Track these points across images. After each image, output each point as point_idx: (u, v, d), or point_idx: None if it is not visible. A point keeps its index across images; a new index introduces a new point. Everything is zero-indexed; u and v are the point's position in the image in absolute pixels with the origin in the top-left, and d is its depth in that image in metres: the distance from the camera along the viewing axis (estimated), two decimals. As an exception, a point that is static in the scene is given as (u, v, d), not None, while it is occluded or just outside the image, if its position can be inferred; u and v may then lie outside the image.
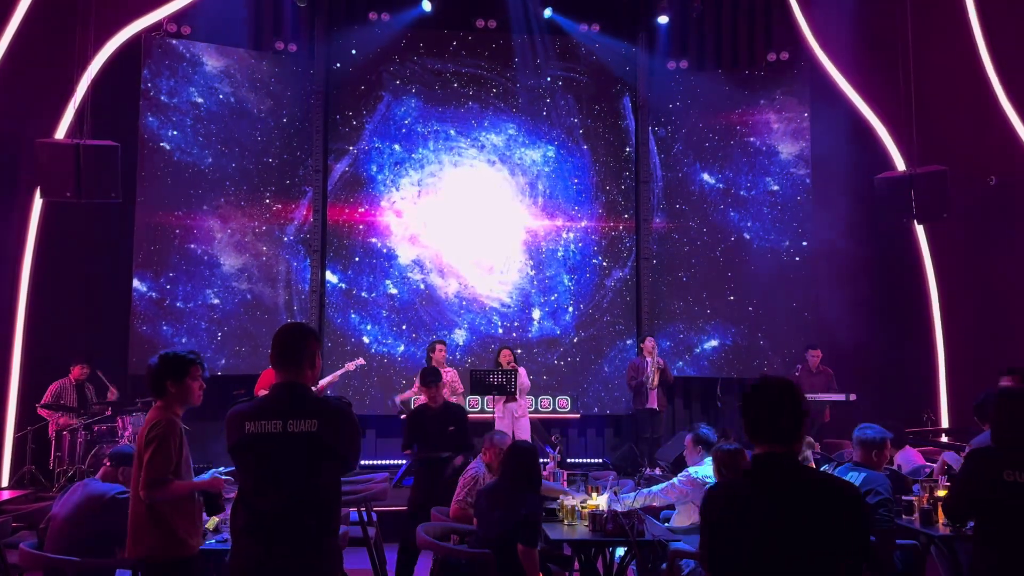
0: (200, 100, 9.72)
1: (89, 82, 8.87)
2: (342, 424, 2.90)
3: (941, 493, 4.69)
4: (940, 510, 4.57)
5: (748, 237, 10.28)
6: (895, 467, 5.65)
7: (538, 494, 4.37)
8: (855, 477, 4.28)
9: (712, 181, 10.46)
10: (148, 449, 3.33)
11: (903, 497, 4.80)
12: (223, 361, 9.55)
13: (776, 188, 10.22)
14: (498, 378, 8.04)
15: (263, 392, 8.17)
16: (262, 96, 9.96)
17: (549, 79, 10.52)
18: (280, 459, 2.83)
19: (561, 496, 4.92)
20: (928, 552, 4.89)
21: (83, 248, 9.31)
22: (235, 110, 9.85)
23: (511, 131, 10.48)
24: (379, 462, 9.24)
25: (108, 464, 4.21)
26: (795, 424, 2.31)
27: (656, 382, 9.05)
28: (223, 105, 9.81)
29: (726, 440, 6.62)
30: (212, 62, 9.82)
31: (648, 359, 9.21)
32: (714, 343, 10.33)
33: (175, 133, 9.59)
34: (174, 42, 9.67)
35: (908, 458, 5.93)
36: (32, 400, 8.50)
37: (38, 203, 8.92)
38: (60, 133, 8.82)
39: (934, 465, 5.67)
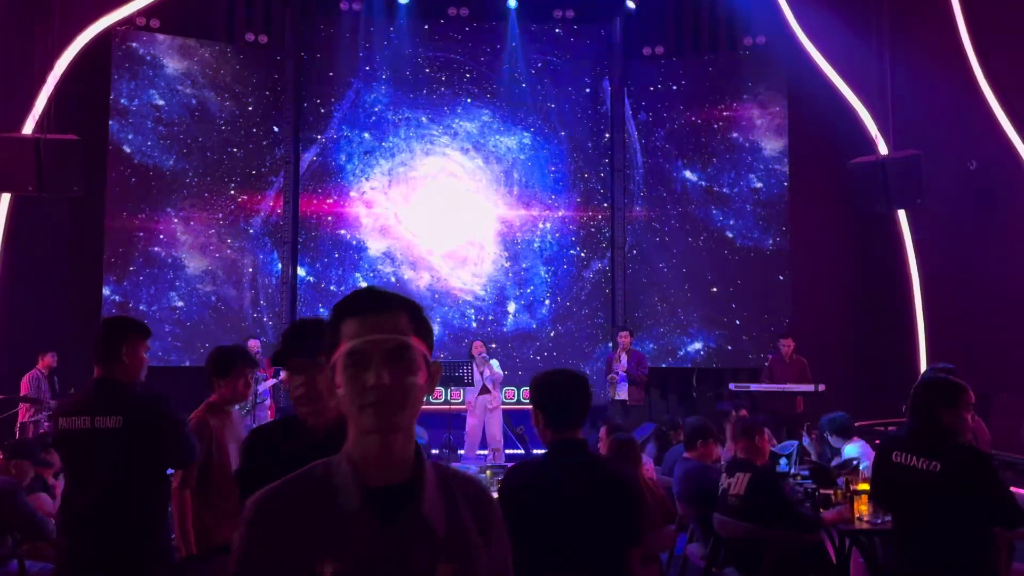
0: (162, 102, 9.76)
1: (56, 80, 9.03)
2: (151, 420, 2.92)
3: (861, 487, 4.62)
4: (856, 504, 4.53)
5: (731, 235, 10.16)
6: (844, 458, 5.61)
7: None
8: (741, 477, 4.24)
9: (694, 178, 10.33)
10: None
11: (821, 490, 4.75)
12: (188, 362, 9.69)
13: (759, 185, 10.07)
14: (458, 370, 8.14)
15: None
16: (229, 88, 10.03)
17: (525, 63, 10.48)
18: (89, 455, 2.89)
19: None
20: (849, 547, 4.84)
21: (55, 247, 9.53)
22: (200, 103, 9.93)
23: (485, 117, 10.49)
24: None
25: (1, 456, 4.33)
26: (586, 412, 2.57)
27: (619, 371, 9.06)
28: (189, 98, 9.90)
29: (675, 431, 6.63)
30: (178, 57, 9.88)
31: (624, 355, 9.20)
32: (697, 345, 10.21)
33: (137, 136, 9.68)
34: (135, 45, 9.73)
35: (863, 450, 5.84)
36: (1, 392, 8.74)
37: (6, 199, 9.13)
38: (27, 130, 9.00)
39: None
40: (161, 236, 9.76)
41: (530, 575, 2.38)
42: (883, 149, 8.84)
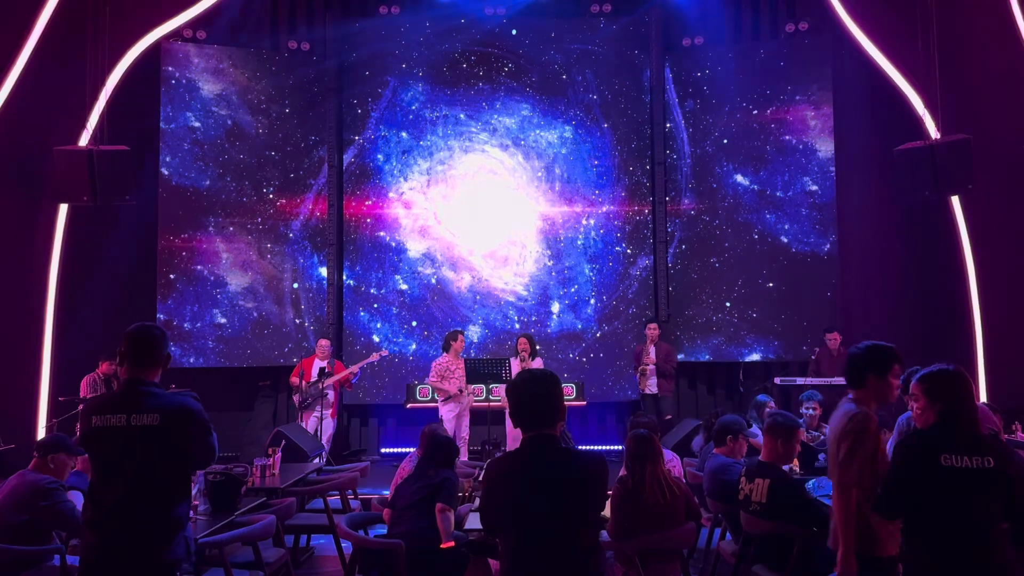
0: (198, 123, 10.10)
1: (109, 93, 9.51)
2: (184, 420, 3.21)
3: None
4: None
5: (785, 240, 10.11)
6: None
7: (454, 470, 4.69)
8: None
9: (745, 182, 10.29)
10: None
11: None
12: (237, 357, 10.13)
13: (814, 188, 9.98)
14: (493, 368, 8.34)
15: (295, 379, 8.92)
16: (269, 94, 10.36)
17: (564, 55, 10.64)
18: (121, 452, 3.18)
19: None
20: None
21: (109, 257, 10.00)
22: (241, 115, 10.22)
23: (525, 112, 10.65)
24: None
25: (37, 455, 4.62)
26: (554, 412, 2.86)
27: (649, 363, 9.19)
28: (227, 117, 10.17)
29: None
30: (219, 72, 10.18)
31: (651, 347, 9.28)
32: (756, 357, 10.18)
33: (175, 157, 10.02)
34: (171, 69, 10.05)
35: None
36: (60, 395, 9.27)
37: (63, 210, 9.65)
38: (83, 143, 9.48)
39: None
40: (203, 252, 10.10)
41: (513, 555, 2.76)
42: (932, 133, 8.68)
